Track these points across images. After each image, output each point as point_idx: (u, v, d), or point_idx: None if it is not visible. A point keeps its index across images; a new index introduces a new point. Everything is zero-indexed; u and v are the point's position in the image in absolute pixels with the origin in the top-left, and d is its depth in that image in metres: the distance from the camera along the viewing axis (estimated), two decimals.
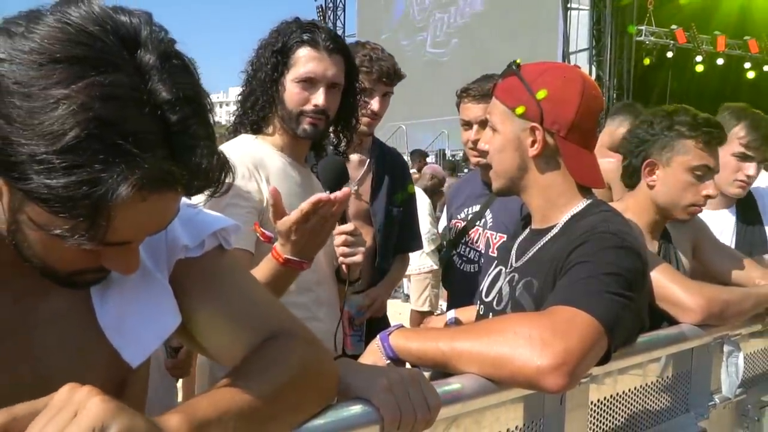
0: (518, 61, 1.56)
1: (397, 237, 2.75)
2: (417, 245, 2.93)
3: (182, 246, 1.00)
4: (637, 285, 1.33)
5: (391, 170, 2.75)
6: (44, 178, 0.70)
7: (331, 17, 22.90)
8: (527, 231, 1.64)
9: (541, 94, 1.47)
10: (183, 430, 0.73)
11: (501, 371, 1.15)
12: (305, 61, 1.92)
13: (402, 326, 1.36)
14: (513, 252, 1.63)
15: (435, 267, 5.65)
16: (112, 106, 0.71)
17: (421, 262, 5.76)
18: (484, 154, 2.44)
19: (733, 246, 2.50)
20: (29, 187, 0.71)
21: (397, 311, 7.08)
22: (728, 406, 1.81)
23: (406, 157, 8.25)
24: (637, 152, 1.97)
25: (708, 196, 1.88)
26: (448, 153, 15.11)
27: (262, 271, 1.57)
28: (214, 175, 0.80)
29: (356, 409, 0.96)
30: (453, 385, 1.11)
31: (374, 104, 2.55)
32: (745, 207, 2.68)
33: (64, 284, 0.88)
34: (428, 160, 11.69)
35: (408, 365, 1.30)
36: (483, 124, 2.42)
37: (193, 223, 1.01)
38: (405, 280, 8.03)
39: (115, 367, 0.95)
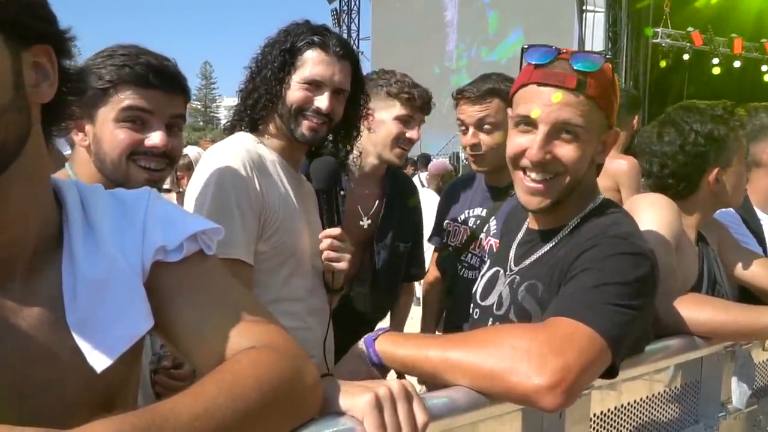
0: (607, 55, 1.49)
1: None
2: (420, 274, 2.94)
3: (159, 247, 0.96)
4: (645, 294, 1.27)
5: (402, 203, 2.71)
6: None
7: (346, 20, 22.98)
8: (524, 230, 1.57)
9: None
10: None
11: (495, 386, 1.10)
12: (313, 63, 1.89)
13: (389, 330, 1.31)
14: (512, 253, 1.55)
15: None
16: None
17: None
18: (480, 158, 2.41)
19: None
20: None
21: (409, 315, 7.01)
22: (739, 416, 1.75)
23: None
24: (695, 162, 1.90)
25: None
26: (462, 156, 15.04)
27: None
28: None
29: (340, 425, 0.92)
30: (443, 398, 1.07)
31: (414, 133, 2.52)
32: None
33: None
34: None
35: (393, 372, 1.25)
36: (479, 126, 2.38)
37: (171, 223, 0.98)
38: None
39: (97, 383, 0.91)
